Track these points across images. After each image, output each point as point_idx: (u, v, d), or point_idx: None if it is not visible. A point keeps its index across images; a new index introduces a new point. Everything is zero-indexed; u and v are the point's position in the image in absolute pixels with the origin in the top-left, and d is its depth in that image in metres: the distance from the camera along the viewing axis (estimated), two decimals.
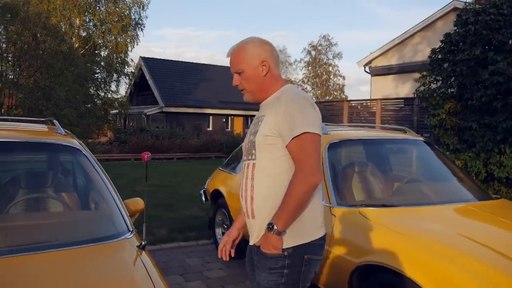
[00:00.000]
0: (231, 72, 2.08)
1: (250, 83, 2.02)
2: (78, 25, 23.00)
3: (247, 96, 2.08)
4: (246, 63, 2.00)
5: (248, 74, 2.01)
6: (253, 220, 1.98)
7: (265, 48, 2.04)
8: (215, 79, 30.40)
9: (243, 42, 2.05)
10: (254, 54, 2.01)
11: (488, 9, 7.36)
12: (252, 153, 1.99)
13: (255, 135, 1.98)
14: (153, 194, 8.29)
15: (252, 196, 1.97)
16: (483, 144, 7.11)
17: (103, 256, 2.02)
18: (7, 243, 2.03)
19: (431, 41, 14.18)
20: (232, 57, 2.04)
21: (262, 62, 2.00)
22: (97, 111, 21.08)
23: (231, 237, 2.18)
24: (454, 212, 3.10)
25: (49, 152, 2.77)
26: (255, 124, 2.03)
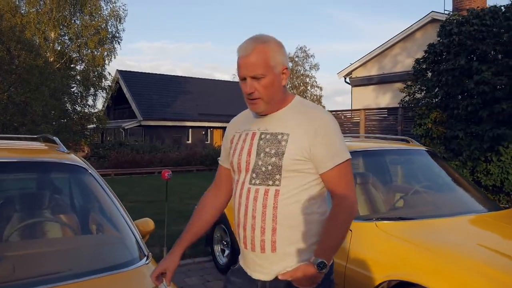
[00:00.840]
0: (242, 75, 1.70)
1: (269, 91, 1.70)
2: (53, 39, 22.56)
3: (260, 106, 1.73)
4: (269, 68, 1.68)
5: (269, 81, 1.69)
6: (272, 254, 1.71)
7: (285, 53, 1.78)
8: (193, 91, 30.23)
9: (262, 41, 1.70)
10: (278, 59, 1.72)
11: (472, 20, 7.50)
12: (275, 178, 1.70)
13: (279, 157, 1.69)
14: (139, 210, 8.07)
15: (274, 227, 1.69)
16: (470, 152, 7.19)
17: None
18: (16, 276, 1.85)
19: (411, 52, 14.41)
20: (249, 58, 1.68)
21: (284, 70, 1.75)
22: (73, 126, 20.62)
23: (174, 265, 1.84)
24: (469, 224, 3.09)
25: (53, 172, 2.61)
26: (271, 142, 1.72)
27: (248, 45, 1.70)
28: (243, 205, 1.75)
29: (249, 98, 1.73)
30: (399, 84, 10.99)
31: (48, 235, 2.29)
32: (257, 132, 1.79)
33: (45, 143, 3.03)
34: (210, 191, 2.01)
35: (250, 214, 1.73)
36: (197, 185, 12.15)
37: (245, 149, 1.79)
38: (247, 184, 1.76)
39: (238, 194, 1.79)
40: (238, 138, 1.85)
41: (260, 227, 1.71)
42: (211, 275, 4.64)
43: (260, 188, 1.72)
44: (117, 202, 2.36)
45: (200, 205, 1.98)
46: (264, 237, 1.71)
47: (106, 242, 2.32)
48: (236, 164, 1.80)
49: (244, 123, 1.88)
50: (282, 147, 1.70)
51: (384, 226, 2.82)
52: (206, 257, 5.14)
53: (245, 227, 1.75)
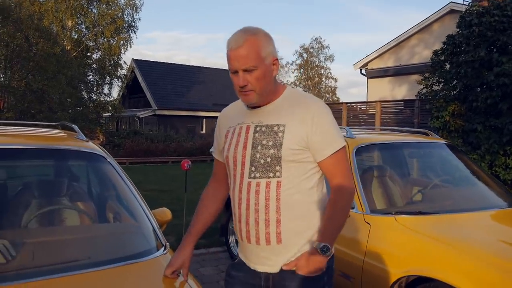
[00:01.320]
0: (234, 68, 1.68)
1: (261, 83, 1.69)
2: (70, 27, 22.71)
3: (252, 98, 1.72)
4: (259, 60, 1.66)
5: (260, 73, 1.67)
6: (278, 245, 1.71)
7: (274, 44, 1.75)
8: (208, 81, 30.24)
9: (252, 32, 1.69)
10: (268, 50, 1.70)
11: (492, 11, 7.34)
12: (275, 170, 1.69)
13: (277, 148, 1.68)
14: (154, 199, 8.12)
15: (278, 219, 1.69)
16: (488, 146, 7.09)
17: (142, 278, 1.84)
18: (34, 263, 1.86)
19: (428, 43, 14.22)
20: (241, 50, 1.65)
21: (274, 60, 1.73)
22: (89, 114, 20.81)
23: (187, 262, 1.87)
24: (491, 219, 3.03)
25: (72, 160, 2.61)
26: (267, 134, 1.72)
27: (238, 37, 1.68)
28: (244, 199, 1.73)
29: (241, 91, 1.72)
30: (416, 76, 10.84)
31: (66, 223, 2.30)
32: (251, 125, 1.77)
33: (64, 131, 3.04)
34: (210, 184, 2.03)
35: (252, 208, 1.71)
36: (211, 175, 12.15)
37: (241, 143, 1.77)
38: (246, 178, 1.73)
39: (237, 189, 1.76)
40: (232, 133, 1.83)
41: (264, 220, 1.70)
42: (226, 265, 4.62)
43: (261, 181, 1.70)
44: (135, 191, 2.36)
45: (203, 199, 1.99)
46: (269, 229, 1.70)
47: (124, 231, 2.32)
48: (232, 158, 1.78)
49: (237, 116, 1.86)
50: (279, 138, 1.70)
51: (404, 220, 2.78)
52: (220, 247, 5.15)
53: (247, 221, 1.73)
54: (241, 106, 1.87)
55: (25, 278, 1.71)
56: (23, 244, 1.99)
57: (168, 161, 18.26)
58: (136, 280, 1.83)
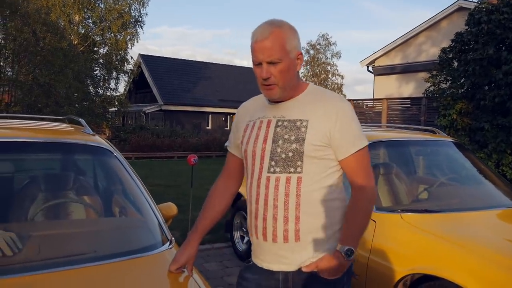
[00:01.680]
0: (258, 60, 1.65)
1: (285, 77, 1.66)
2: (78, 22, 22.77)
3: (276, 92, 1.69)
4: (284, 53, 1.64)
5: (285, 66, 1.64)
6: (296, 243, 1.67)
7: (299, 38, 1.72)
8: (214, 77, 30.23)
9: (277, 25, 1.66)
10: (294, 44, 1.67)
11: (502, 8, 7.27)
12: (296, 165, 1.65)
13: (300, 143, 1.65)
14: (159, 194, 8.15)
15: (297, 216, 1.65)
16: (496, 145, 7.04)
17: (147, 272, 1.85)
18: (40, 256, 1.87)
19: (436, 41, 14.13)
20: (266, 42, 1.62)
21: (299, 55, 1.70)
22: (95, 108, 20.88)
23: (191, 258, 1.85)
24: (497, 218, 3.02)
25: (78, 154, 2.62)
26: (290, 128, 1.68)
27: (264, 29, 1.65)
28: (262, 194, 1.69)
29: (264, 84, 1.68)
30: (423, 73, 10.77)
31: (72, 216, 2.31)
32: (272, 120, 1.74)
33: (70, 125, 3.05)
34: (220, 179, 1.96)
35: (271, 204, 1.67)
36: (217, 171, 12.09)
37: (261, 137, 1.73)
38: (265, 172, 1.70)
39: (255, 184, 1.72)
40: (252, 127, 1.79)
41: (283, 216, 1.66)
42: (230, 261, 4.67)
43: (281, 176, 1.67)
44: (141, 185, 2.36)
45: (211, 195, 1.93)
46: (287, 226, 1.66)
47: (129, 225, 2.33)
48: (251, 152, 1.75)
49: (257, 110, 1.82)
50: (302, 133, 1.67)
51: (410, 218, 2.77)
52: (225, 243, 5.16)
53: (265, 217, 1.69)
54: (262, 100, 1.84)
55: (31, 271, 1.72)
56: (30, 237, 1.99)
57: (173, 156, 18.29)
58: (141, 274, 1.83)
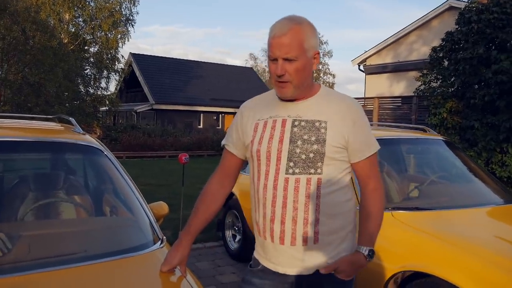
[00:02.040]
0: (274, 55, 1.60)
1: (300, 75, 1.62)
2: (68, 21, 22.60)
3: (288, 90, 1.64)
4: (302, 51, 1.60)
5: (301, 65, 1.61)
6: (315, 245, 1.65)
7: (318, 37, 1.68)
8: (205, 76, 30.17)
9: (298, 22, 1.62)
10: (312, 43, 1.63)
11: (492, 8, 7.33)
12: (316, 166, 1.63)
13: (321, 144, 1.62)
14: (151, 193, 8.12)
15: (317, 218, 1.63)
16: (485, 143, 7.10)
17: (139, 271, 1.84)
18: (31, 256, 1.85)
19: (427, 40, 14.21)
20: (284, 38, 1.58)
21: (316, 54, 1.66)
22: (86, 108, 20.74)
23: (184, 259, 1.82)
24: (487, 215, 3.05)
25: (68, 153, 2.60)
26: (309, 129, 1.65)
27: (283, 25, 1.61)
28: (280, 196, 1.64)
29: (278, 81, 1.64)
30: (414, 72, 10.83)
31: (63, 216, 2.29)
32: (288, 119, 1.69)
33: (61, 124, 3.03)
34: (215, 178, 1.89)
35: (290, 206, 1.63)
36: (209, 170, 12.12)
37: (276, 137, 1.68)
38: (282, 174, 1.65)
39: (271, 186, 1.67)
40: (263, 126, 1.72)
41: (303, 218, 1.63)
42: (222, 260, 4.66)
43: (301, 178, 1.63)
44: (132, 184, 2.35)
45: (205, 194, 1.87)
46: (307, 228, 1.64)
47: (120, 224, 2.31)
48: (265, 152, 1.68)
49: (267, 108, 1.76)
50: (322, 134, 1.64)
51: (400, 216, 2.79)
52: (217, 242, 5.16)
53: (283, 220, 1.64)
54: (272, 98, 1.78)
55: (21, 271, 1.70)
56: (19, 237, 1.98)
57: (165, 155, 18.25)
58: (132, 273, 1.83)
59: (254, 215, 1.78)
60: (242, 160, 1.86)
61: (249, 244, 4.32)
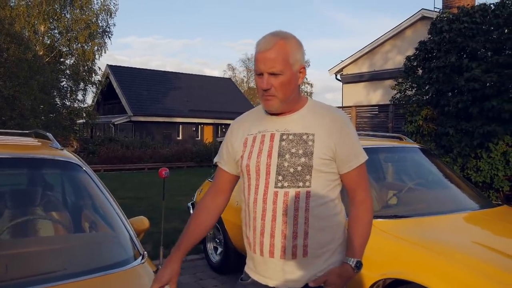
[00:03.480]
0: (260, 70, 1.64)
1: (285, 90, 1.65)
2: (43, 33, 22.29)
3: (274, 104, 1.67)
4: (287, 65, 1.63)
5: (286, 79, 1.63)
6: (304, 258, 1.65)
7: (304, 52, 1.72)
8: (184, 87, 30.08)
9: (282, 36, 1.65)
10: (297, 57, 1.66)
11: (462, 18, 7.54)
12: (305, 179, 1.64)
13: (309, 157, 1.64)
14: (130, 207, 8.05)
15: (306, 231, 1.64)
16: (460, 149, 7.24)
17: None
18: (8, 276, 1.81)
19: (401, 49, 14.48)
20: (269, 53, 1.61)
21: (301, 68, 1.69)
22: (62, 121, 20.44)
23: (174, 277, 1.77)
24: (464, 221, 3.12)
25: (46, 169, 2.56)
26: (296, 142, 1.67)
27: (269, 40, 1.64)
28: (270, 210, 1.66)
29: (264, 95, 1.67)
30: (390, 81, 11.02)
31: (40, 233, 2.26)
32: (276, 133, 1.71)
33: (38, 139, 2.98)
34: (209, 195, 1.89)
35: (279, 220, 1.65)
36: (188, 182, 12.12)
37: (264, 151, 1.70)
38: (271, 187, 1.67)
39: (260, 200, 1.69)
40: (252, 141, 1.75)
41: (292, 231, 1.64)
42: (204, 273, 4.63)
43: (289, 191, 1.65)
44: (111, 199, 2.33)
45: (199, 211, 1.86)
46: (296, 242, 1.65)
47: (100, 240, 2.29)
48: (254, 167, 1.70)
49: (256, 124, 1.79)
50: (309, 147, 1.66)
51: (380, 224, 2.82)
52: (198, 255, 5.12)
53: (272, 234, 1.66)
54: (260, 113, 1.81)
55: None
56: None
57: (144, 168, 18.09)
58: None
59: (245, 229, 1.79)
60: (235, 176, 1.86)
61: (231, 257, 4.31)
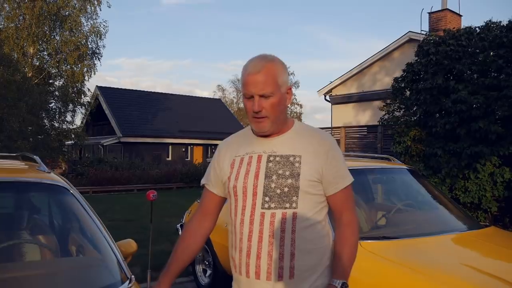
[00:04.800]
0: (250, 93, 1.66)
1: (276, 111, 1.68)
2: (32, 54, 22.26)
3: (266, 125, 1.69)
4: (276, 87, 1.67)
5: (276, 100, 1.67)
6: (290, 280, 1.64)
7: (288, 74, 1.78)
8: (174, 108, 30.11)
9: (270, 59, 1.70)
10: (284, 78, 1.71)
11: (448, 40, 7.69)
12: (292, 200, 1.65)
13: (295, 178, 1.66)
14: (119, 229, 7.94)
15: (293, 252, 1.64)
16: (448, 170, 7.30)
17: None
18: None
19: (389, 71, 14.69)
20: (259, 76, 1.65)
21: (288, 90, 1.74)
22: (51, 142, 20.28)
23: None
24: (452, 242, 3.13)
25: (33, 192, 2.54)
26: (283, 164, 1.68)
27: (256, 63, 1.68)
28: (256, 231, 1.66)
29: (255, 117, 1.69)
30: (379, 102, 11.14)
31: (27, 258, 2.22)
32: (263, 155, 1.73)
33: (24, 162, 2.96)
34: (196, 218, 1.89)
35: (266, 241, 1.65)
36: (178, 203, 12.04)
37: (252, 172, 1.71)
38: (258, 208, 1.67)
39: (247, 221, 1.69)
40: (240, 162, 1.76)
41: (279, 253, 1.64)
42: None
43: (276, 212, 1.65)
44: (99, 222, 2.31)
45: (185, 235, 1.86)
46: (282, 263, 1.64)
47: (87, 264, 2.26)
48: (241, 188, 1.71)
49: (243, 145, 1.80)
50: (296, 168, 1.68)
51: (369, 245, 2.82)
52: (187, 277, 5.06)
53: (259, 255, 1.65)
54: (248, 135, 1.83)
55: None
56: None
57: (133, 189, 17.93)
58: None
59: (231, 250, 1.78)
60: (222, 198, 1.86)
61: (220, 279, 4.27)
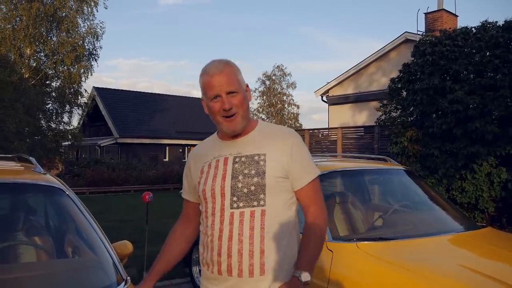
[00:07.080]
0: (216, 92, 1.70)
1: (243, 106, 1.74)
2: (29, 55, 22.20)
3: (237, 122, 1.74)
4: (239, 84, 1.75)
5: (242, 96, 1.74)
6: (261, 277, 1.67)
7: None
8: (171, 108, 30.09)
9: (227, 61, 1.78)
10: (242, 77, 1.79)
11: (444, 41, 7.70)
12: (259, 198, 1.68)
13: (261, 176, 1.69)
14: (115, 230, 7.92)
15: (262, 249, 1.67)
16: (445, 170, 7.31)
17: None
18: None
19: (386, 71, 14.71)
20: (222, 75, 1.71)
21: (247, 87, 1.82)
22: (48, 143, 20.23)
23: None
24: (449, 243, 3.12)
25: (29, 194, 2.53)
26: (248, 163, 1.72)
27: (217, 65, 1.74)
28: (226, 230, 1.69)
29: (225, 116, 1.72)
30: (375, 102, 11.15)
31: (22, 259, 2.22)
32: (229, 157, 1.77)
33: (20, 163, 2.95)
34: (179, 223, 1.99)
35: (236, 239, 1.68)
36: (174, 204, 12.00)
37: (219, 175, 1.75)
38: (227, 209, 1.71)
39: (218, 221, 1.72)
40: (208, 167, 1.80)
41: (249, 250, 1.67)
42: None
43: (245, 211, 1.69)
44: (95, 224, 2.31)
45: (169, 239, 1.96)
46: (253, 260, 1.68)
47: (83, 266, 2.26)
48: (210, 191, 1.75)
49: (211, 151, 1.85)
50: (261, 166, 1.71)
51: (365, 246, 2.82)
52: (183, 279, 5.06)
53: (229, 253, 1.68)
54: (214, 141, 1.89)
55: None
56: None
57: (130, 190, 17.91)
58: None
59: (202, 251, 1.82)
60: (199, 204, 1.89)
61: None
